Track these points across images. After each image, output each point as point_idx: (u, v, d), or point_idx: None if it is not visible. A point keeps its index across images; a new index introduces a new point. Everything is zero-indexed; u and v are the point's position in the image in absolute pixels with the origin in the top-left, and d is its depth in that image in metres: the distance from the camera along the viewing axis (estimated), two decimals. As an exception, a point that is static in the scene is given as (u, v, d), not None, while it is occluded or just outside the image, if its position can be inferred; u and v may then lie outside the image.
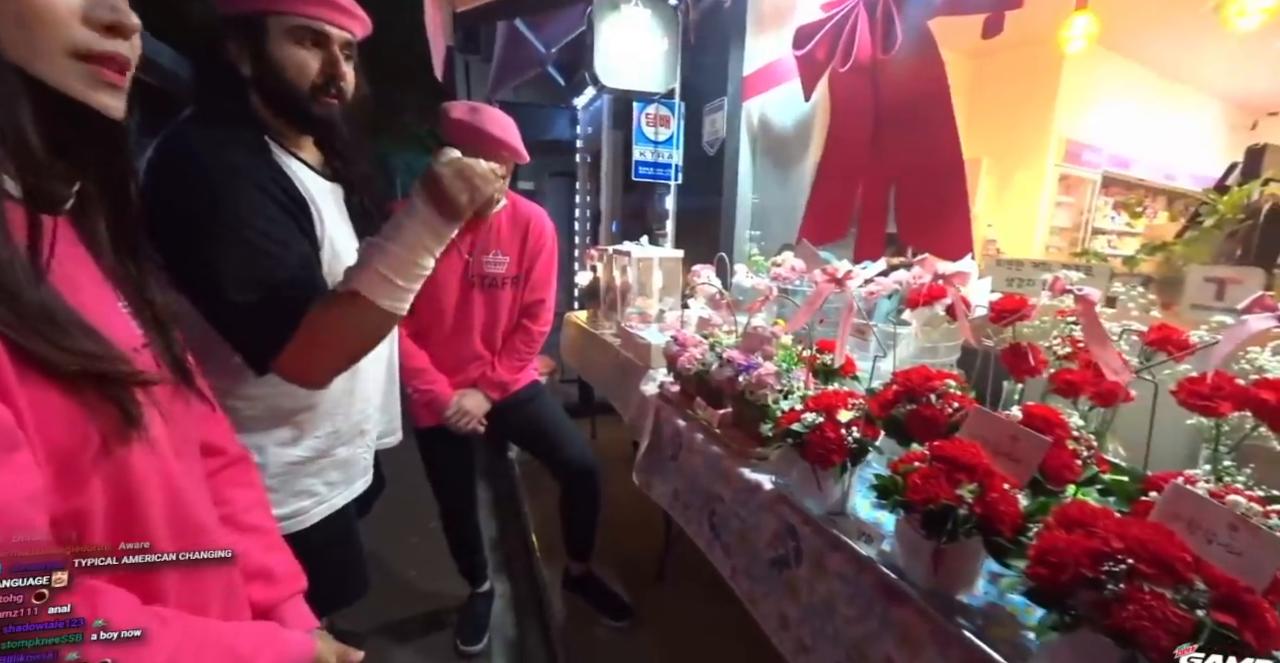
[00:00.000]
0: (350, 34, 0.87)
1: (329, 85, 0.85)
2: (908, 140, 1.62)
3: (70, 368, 0.39)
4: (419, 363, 1.47)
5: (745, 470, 1.08)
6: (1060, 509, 0.62)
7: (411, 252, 0.74)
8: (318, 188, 0.89)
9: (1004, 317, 1.00)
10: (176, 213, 0.73)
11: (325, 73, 0.84)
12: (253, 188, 0.78)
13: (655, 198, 3.44)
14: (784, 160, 2.26)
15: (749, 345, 1.22)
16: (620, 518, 2.07)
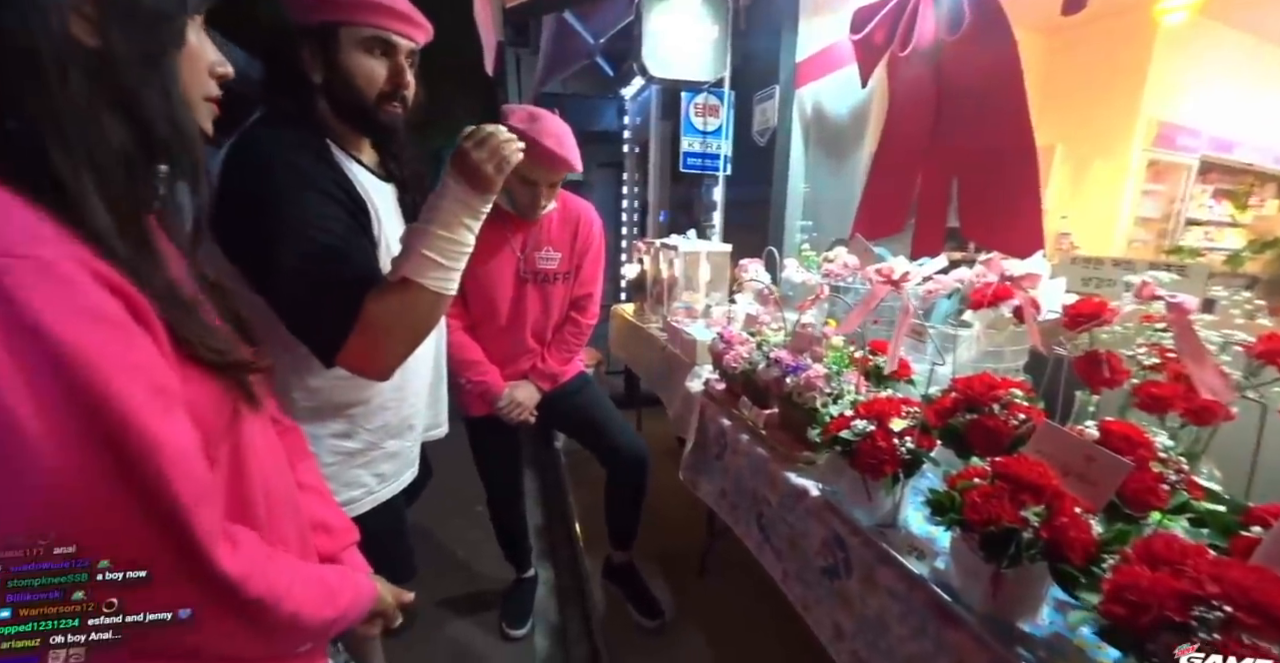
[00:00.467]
0: (415, 43, 0.90)
1: (395, 93, 0.89)
2: (973, 127, 1.52)
3: (214, 360, 0.49)
4: (473, 355, 1.51)
5: (791, 475, 1.05)
6: (1143, 543, 0.57)
7: (450, 229, 0.77)
8: (375, 188, 0.93)
9: (1080, 322, 0.93)
10: (247, 213, 0.77)
11: (392, 82, 0.88)
12: (317, 190, 0.82)
13: (704, 189, 3.39)
14: (838, 150, 2.17)
15: (798, 345, 1.19)
16: (663, 511, 2.07)
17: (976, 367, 1.19)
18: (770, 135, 2.33)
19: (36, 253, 0.38)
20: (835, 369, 1.08)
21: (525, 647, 1.73)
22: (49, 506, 0.39)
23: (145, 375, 0.42)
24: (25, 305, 0.37)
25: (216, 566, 0.45)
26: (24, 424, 0.37)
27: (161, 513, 0.42)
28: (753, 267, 1.97)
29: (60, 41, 0.42)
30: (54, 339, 0.38)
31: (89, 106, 0.43)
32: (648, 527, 1.78)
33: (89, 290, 0.40)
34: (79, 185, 0.42)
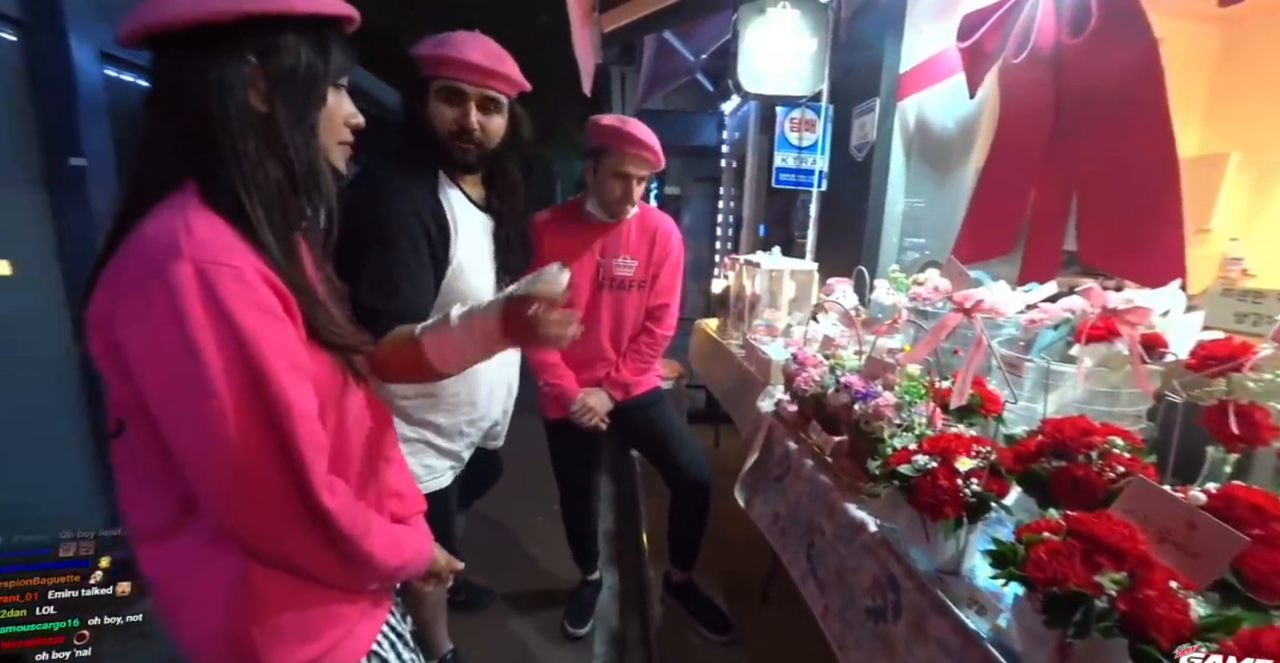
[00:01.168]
0: (491, 91, 1.06)
1: (462, 133, 1.05)
2: (1099, 138, 1.35)
3: (334, 342, 0.63)
4: (549, 358, 1.59)
5: (851, 507, 1.00)
6: (1250, 633, 0.49)
7: (469, 341, 0.76)
8: (466, 215, 1.10)
9: (1209, 365, 0.80)
10: (350, 222, 0.89)
11: (458, 123, 1.05)
12: (407, 212, 1.00)
13: (798, 205, 3.31)
14: (942, 165, 2.03)
15: (870, 371, 1.13)
16: (733, 532, 2.04)
17: (1083, 408, 1.05)
18: (868, 150, 2.23)
19: (232, 262, 0.53)
20: (908, 399, 1.02)
21: (584, 646, 1.78)
22: (223, 438, 0.53)
23: (289, 354, 0.56)
24: (224, 298, 0.52)
25: (321, 502, 0.58)
26: (216, 381, 0.52)
27: (290, 457, 0.56)
28: (839, 287, 1.90)
29: (243, 110, 0.57)
30: (238, 323, 0.52)
31: (258, 156, 0.58)
32: (714, 545, 1.76)
33: (261, 290, 0.54)
34: (254, 214, 0.57)
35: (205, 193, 0.56)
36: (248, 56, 0.57)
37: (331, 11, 0.60)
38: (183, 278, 0.50)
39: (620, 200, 1.47)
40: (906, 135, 2.20)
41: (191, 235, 0.52)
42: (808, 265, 2.06)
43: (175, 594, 0.61)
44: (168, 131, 0.58)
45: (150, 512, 0.61)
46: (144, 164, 0.59)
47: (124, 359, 0.54)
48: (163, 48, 0.57)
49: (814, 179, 2.57)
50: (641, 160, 1.44)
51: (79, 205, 1.78)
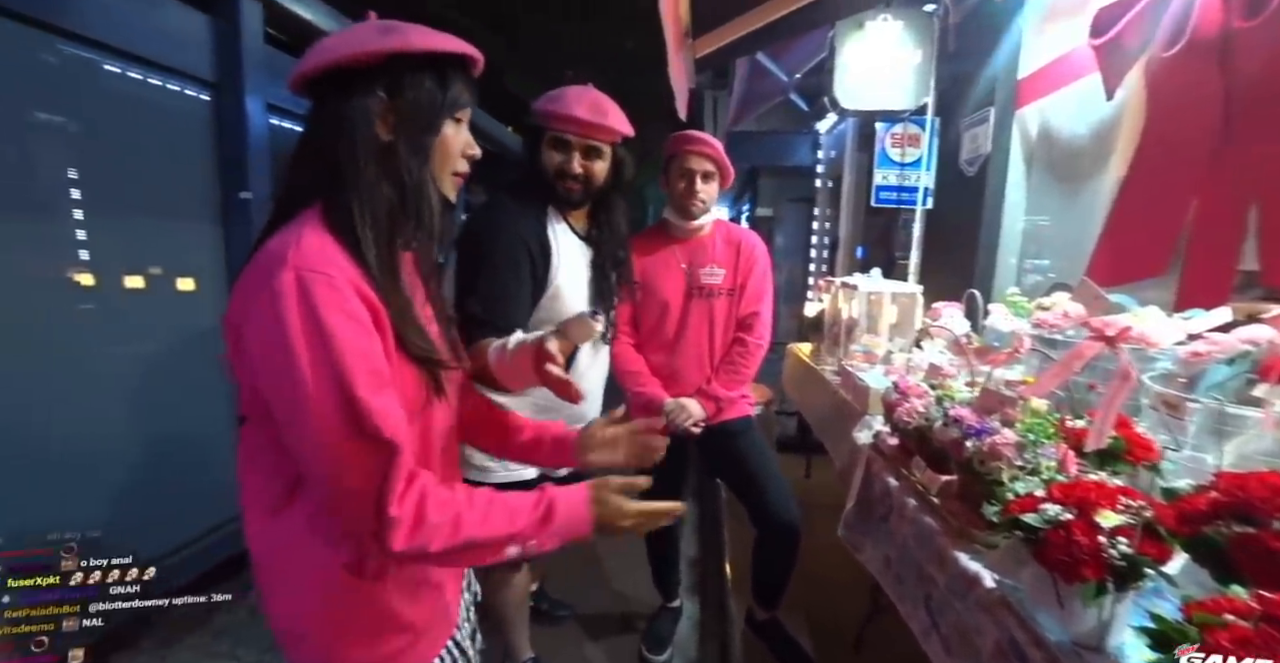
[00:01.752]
0: (593, 141, 1.21)
1: (565, 177, 1.22)
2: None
3: (419, 356, 0.66)
4: (635, 366, 1.60)
5: (962, 556, 0.89)
6: None
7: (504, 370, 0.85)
8: (568, 245, 1.26)
9: None
10: (469, 243, 1.14)
11: (561, 167, 1.21)
12: (513, 237, 1.15)
13: (900, 225, 3.11)
14: (1072, 176, 1.81)
15: (985, 405, 1.01)
16: (824, 571, 1.90)
17: (1272, 462, 0.86)
18: (982, 163, 2.06)
19: (327, 271, 0.58)
20: (1033, 438, 0.89)
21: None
22: (313, 429, 0.58)
23: (368, 360, 0.60)
24: (315, 302, 0.57)
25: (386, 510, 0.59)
26: (305, 376, 0.57)
27: (367, 455, 0.59)
28: (948, 311, 1.74)
29: (368, 140, 0.64)
30: (324, 323, 0.57)
31: (375, 181, 0.64)
32: (804, 584, 1.64)
33: (351, 298, 0.59)
34: (363, 232, 0.62)
35: (325, 213, 0.63)
36: (378, 92, 0.63)
37: (453, 50, 0.66)
38: (285, 283, 0.56)
39: (685, 195, 1.52)
40: (1027, 146, 2.00)
41: (299, 248, 0.59)
42: (911, 288, 1.91)
43: (271, 571, 0.67)
44: (307, 160, 0.66)
45: (263, 491, 0.67)
46: (285, 190, 0.67)
47: (247, 356, 0.61)
48: (314, 91, 0.66)
49: (918, 196, 2.41)
50: (701, 156, 1.51)
51: (245, 231, 2.10)
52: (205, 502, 2.03)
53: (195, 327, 2.02)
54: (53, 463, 1.58)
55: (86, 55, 1.66)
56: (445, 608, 0.77)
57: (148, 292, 1.88)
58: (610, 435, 0.90)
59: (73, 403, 1.65)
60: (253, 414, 0.66)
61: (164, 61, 1.85)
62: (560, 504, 0.69)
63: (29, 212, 1.57)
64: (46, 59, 1.57)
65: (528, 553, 0.67)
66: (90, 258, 1.70)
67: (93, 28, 1.62)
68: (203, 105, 2.04)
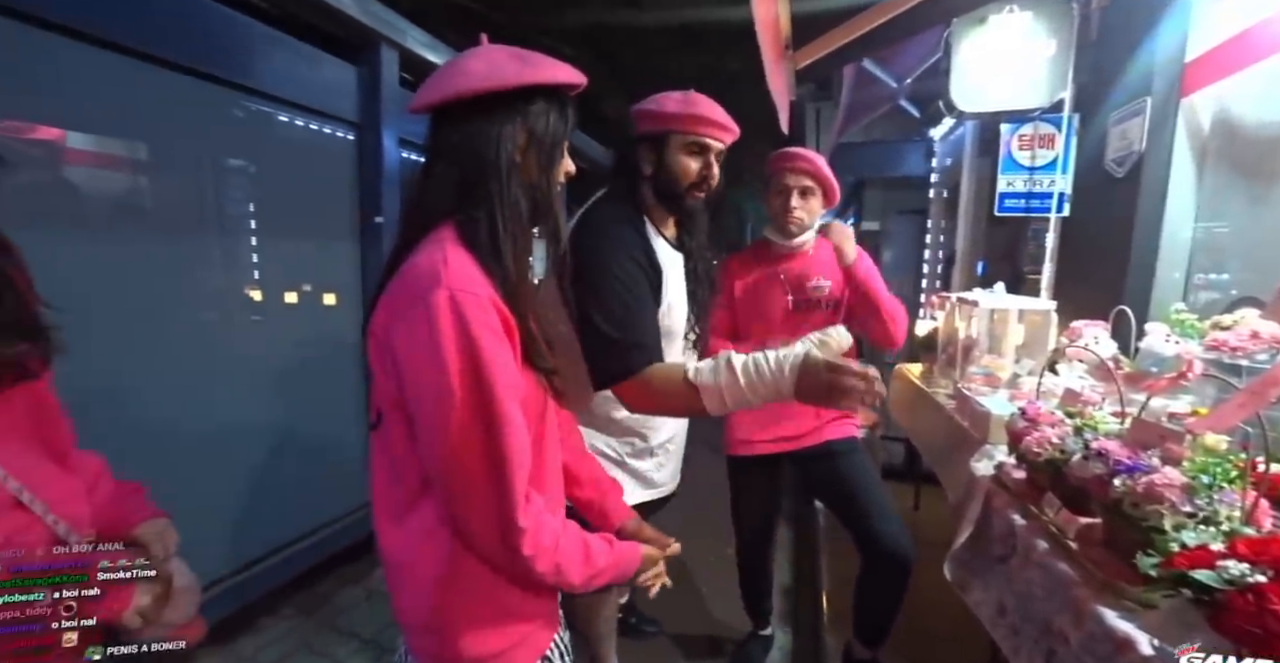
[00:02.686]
0: (723, 144, 1.16)
1: (701, 184, 1.15)
2: None
3: (540, 366, 0.72)
4: None
5: (1108, 613, 0.76)
6: None
7: (754, 397, 0.88)
8: (669, 258, 1.19)
9: None
10: (582, 265, 1.05)
11: (701, 174, 1.15)
12: (628, 256, 1.08)
13: (1028, 235, 2.81)
14: (1255, 174, 1.53)
15: (1139, 438, 0.87)
16: (931, 613, 1.72)
17: None
18: (1134, 162, 1.80)
19: (475, 290, 0.63)
20: (1205, 481, 0.75)
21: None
22: (455, 438, 0.62)
23: (509, 373, 0.64)
24: (469, 321, 0.62)
25: (515, 514, 0.64)
26: (456, 389, 0.61)
27: (498, 465, 0.63)
28: (1090, 331, 1.53)
29: (510, 160, 0.69)
30: (476, 341, 0.62)
31: (516, 197, 0.70)
32: (911, 625, 1.49)
33: (493, 314, 0.64)
34: (505, 244, 0.68)
35: (462, 231, 0.68)
36: (517, 117, 0.69)
37: (576, 81, 0.73)
38: (441, 302, 0.61)
39: (782, 211, 1.48)
40: (1198, 140, 1.72)
41: (449, 267, 0.63)
42: (1043, 304, 1.71)
43: (400, 567, 0.72)
44: (445, 179, 0.70)
45: (391, 494, 0.72)
46: (419, 208, 0.72)
47: (395, 365, 0.65)
48: (446, 113, 0.70)
49: (1052, 203, 2.16)
50: (797, 171, 1.46)
51: (377, 251, 2.37)
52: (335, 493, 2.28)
53: (338, 336, 2.30)
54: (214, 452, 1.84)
55: (263, 108, 1.99)
56: (555, 603, 0.81)
57: (301, 305, 2.19)
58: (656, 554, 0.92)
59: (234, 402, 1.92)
60: (384, 420, 0.71)
61: (320, 107, 2.16)
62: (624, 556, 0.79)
63: (213, 235, 1.89)
64: (233, 112, 1.90)
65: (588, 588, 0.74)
66: (259, 276, 2.01)
67: (267, 83, 1.93)
68: (349, 144, 2.35)
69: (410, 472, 0.69)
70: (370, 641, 1.89)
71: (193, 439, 1.76)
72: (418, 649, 0.74)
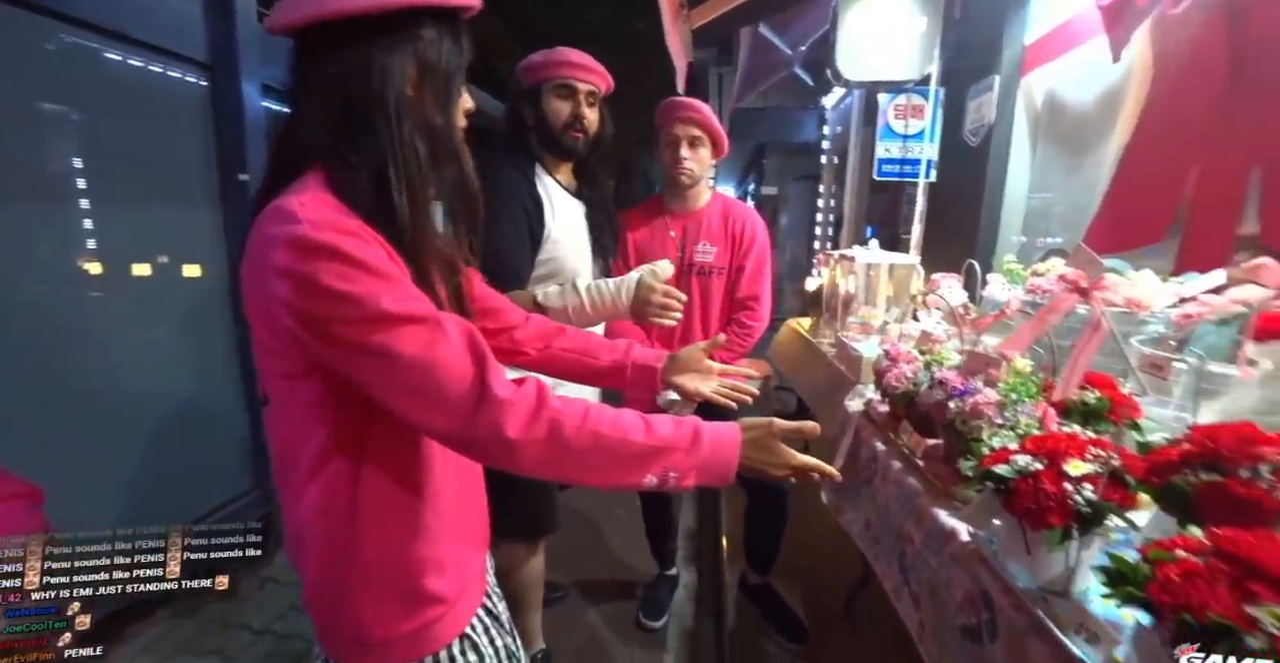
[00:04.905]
0: (593, 86, 1.26)
1: (574, 123, 1.25)
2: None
3: None
4: (633, 335, 1.61)
5: (941, 513, 0.90)
6: None
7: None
8: (560, 198, 1.29)
9: None
10: None
11: (573, 114, 1.25)
12: (512, 195, 1.20)
13: (904, 201, 3.07)
14: (1077, 146, 1.78)
15: (971, 367, 1.02)
16: (817, 540, 1.92)
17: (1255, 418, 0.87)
18: (985, 133, 2.02)
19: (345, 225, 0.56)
20: (1014, 397, 0.90)
21: (656, 640, 1.77)
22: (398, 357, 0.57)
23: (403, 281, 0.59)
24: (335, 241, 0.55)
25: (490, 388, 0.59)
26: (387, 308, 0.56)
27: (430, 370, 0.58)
28: (945, 282, 1.73)
29: (400, 95, 0.61)
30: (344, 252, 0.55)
31: (411, 137, 0.61)
32: (798, 553, 1.67)
33: (376, 247, 0.58)
34: (400, 198, 0.60)
35: (333, 179, 0.59)
36: (406, 45, 0.60)
37: (469, 3, 0.64)
38: (303, 233, 0.54)
39: (672, 163, 1.51)
40: (1032, 115, 1.96)
41: (306, 206, 0.56)
42: (908, 259, 1.90)
43: (300, 545, 0.67)
44: (319, 116, 0.60)
45: (289, 470, 0.66)
46: (287, 149, 0.63)
47: (269, 314, 0.58)
48: (314, 38, 0.60)
49: (921, 169, 2.38)
50: (685, 121, 1.49)
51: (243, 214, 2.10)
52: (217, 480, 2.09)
53: (207, 311, 2.05)
54: (65, 446, 1.62)
55: (83, 41, 1.66)
56: (476, 575, 0.77)
57: (157, 278, 1.91)
58: (705, 367, 0.94)
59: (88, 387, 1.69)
60: (273, 396, 0.65)
61: (158, 42, 1.83)
62: (708, 434, 0.68)
63: (28, 199, 1.58)
64: (45, 46, 1.57)
65: (666, 483, 0.64)
66: (96, 246, 1.73)
67: (85, 9, 1.61)
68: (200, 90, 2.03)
69: (304, 446, 0.64)
70: (264, 631, 1.79)
71: (35, 432, 1.53)
72: (323, 637, 0.69)
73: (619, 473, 0.64)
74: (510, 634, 0.80)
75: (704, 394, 0.91)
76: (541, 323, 0.96)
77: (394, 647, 0.67)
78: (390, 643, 0.66)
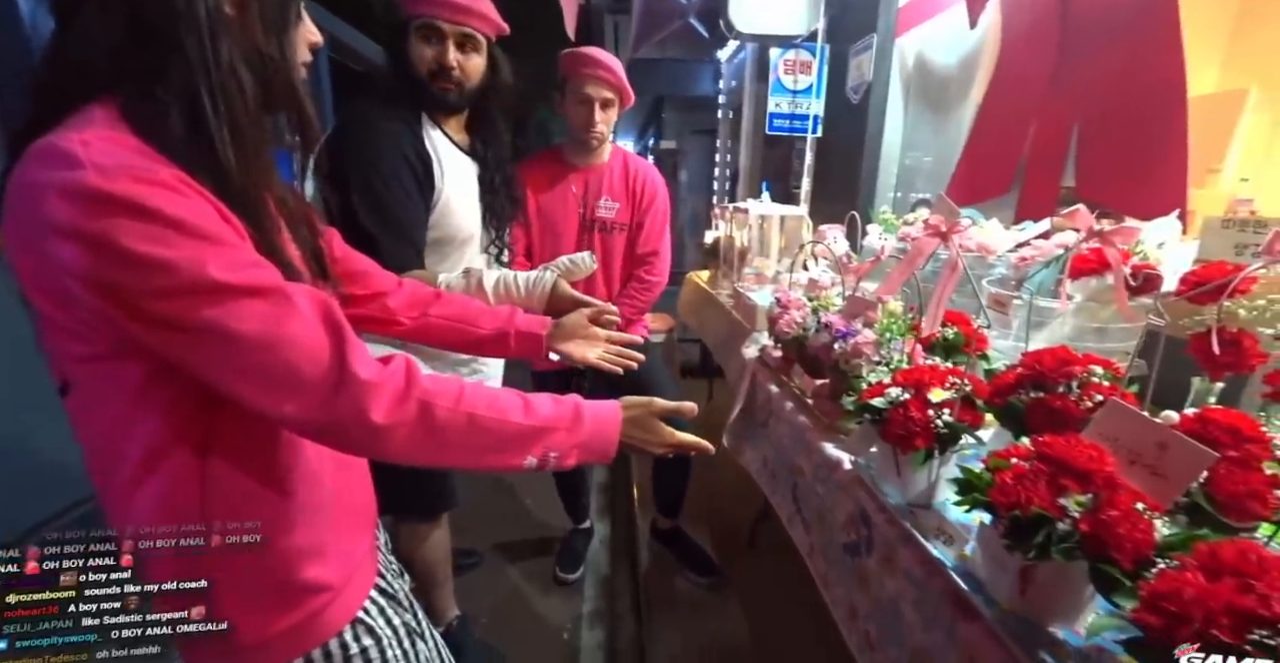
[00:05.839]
0: (468, 28, 1.05)
1: (441, 73, 1.05)
2: (1103, 66, 1.27)
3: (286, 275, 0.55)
4: None
5: (828, 446, 0.99)
6: (1208, 547, 0.47)
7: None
8: (449, 155, 1.11)
9: (1197, 290, 0.76)
10: (339, 162, 0.99)
11: (436, 61, 1.04)
12: (395, 150, 1.02)
13: (794, 155, 3.19)
14: (941, 105, 1.93)
15: (851, 311, 1.10)
16: (722, 483, 2.06)
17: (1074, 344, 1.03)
18: (865, 91, 2.12)
19: (149, 165, 0.46)
20: (888, 337, 0.98)
21: (574, 592, 1.82)
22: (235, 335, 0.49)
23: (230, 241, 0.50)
24: (139, 193, 0.45)
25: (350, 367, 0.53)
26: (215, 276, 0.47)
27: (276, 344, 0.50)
28: (831, 233, 1.83)
29: (215, 10, 0.50)
30: (151, 208, 0.45)
31: (231, 63, 0.51)
32: (703, 496, 1.77)
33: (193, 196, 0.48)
34: (217, 129, 0.50)
35: (131, 114, 0.48)
36: None
37: None
38: (88, 182, 0.43)
39: (584, 126, 1.44)
40: (905, 75, 2.09)
41: (91, 146, 0.45)
42: (798, 211, 1.99)
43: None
44: (100, 34, 0.49)
45: (111, 468, 0.55)
46: (55, 74, 0.50)
47: (60, 287, 0.47)
48: None
49: (809, 124, 2.47)
50: (600, 81, 1.41)
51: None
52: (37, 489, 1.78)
53: None
54: None
55: None
56: (364, 557, 0.70)
57: None
58: (591, 333, 0.90)
59: None
60: (74, 385, 0.53)
61: None
62: (589, 412, 0.64)
63: None
64: None
65: (546, 464, 0.62)
66: None
67: None
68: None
69: (129, 440, 0.53)
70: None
71: None
72: (184, 652, 0.59)
73: (498, 456, 0.60)
74: (410, 611, 0.76)
75: (590, 361, 0.89)
76: (415, 288, 0.86)
77: (271, 646, 0.60)
78: (265, 644, 0.60)
